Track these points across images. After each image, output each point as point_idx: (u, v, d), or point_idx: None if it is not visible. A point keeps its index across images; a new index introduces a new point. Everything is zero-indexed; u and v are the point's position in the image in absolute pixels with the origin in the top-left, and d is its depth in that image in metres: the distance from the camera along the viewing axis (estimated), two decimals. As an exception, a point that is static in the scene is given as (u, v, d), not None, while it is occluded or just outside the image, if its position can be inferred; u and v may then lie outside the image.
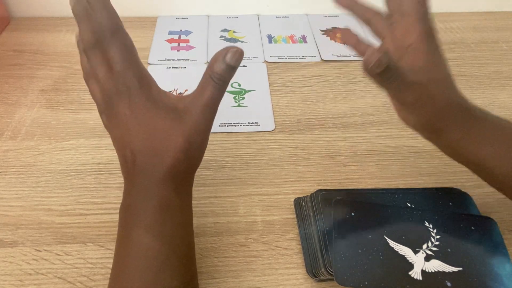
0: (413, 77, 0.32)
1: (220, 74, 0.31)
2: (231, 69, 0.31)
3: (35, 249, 0.37)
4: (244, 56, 0.44)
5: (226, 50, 0.30)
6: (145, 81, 0.32)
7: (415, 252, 0.35)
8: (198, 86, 0.32)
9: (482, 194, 0.42)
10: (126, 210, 0.31)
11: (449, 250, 0.35)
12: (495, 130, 0.35)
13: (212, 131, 0.48)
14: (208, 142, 0.47)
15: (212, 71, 0.31)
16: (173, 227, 0.30)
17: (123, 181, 0.42)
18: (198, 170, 0.44)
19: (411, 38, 0.34)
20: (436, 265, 0.34)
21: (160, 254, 0.28)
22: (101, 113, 0.33)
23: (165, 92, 0.33)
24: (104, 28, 0.30)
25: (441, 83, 0.34)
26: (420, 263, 0.34)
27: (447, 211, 0.38)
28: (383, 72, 0.30)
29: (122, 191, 0.41)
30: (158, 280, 0.28)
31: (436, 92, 0.33)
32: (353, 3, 0.40)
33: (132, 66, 0.31)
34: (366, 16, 0.39)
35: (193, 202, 0.41)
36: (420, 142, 0.41)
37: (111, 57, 0.31)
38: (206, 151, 0.46)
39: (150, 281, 0.27)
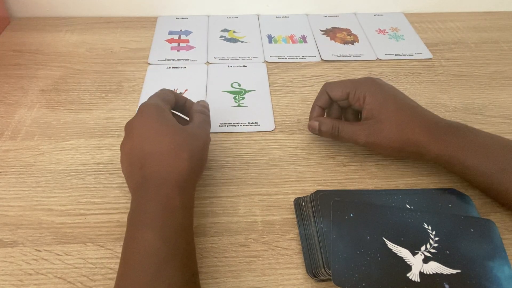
0: (361, 124, 0.42)
1: (201, 109, 0.42)
2: (207, 108, 0.43)
3: (35, 249, 0.37)
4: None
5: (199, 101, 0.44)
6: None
7: (414, 253, 0.35)
8: (189, 120, 0.42)
9: (481, 194, 0.42)
10: (133, 211, 0.33)
11: (447, 252, 0.35)
12: (474, 136, 0.40)
13: (212, 131, 0.49)
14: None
15: (196, 109, 0.42)
16: (174, 228, 0.32)
17: (123, 181, 0.43)
18: (198, 170, 0.44)
19: (363, 101, 0.43)
20: (434, 267, 0.34)
21: (161, 252, 0.30)
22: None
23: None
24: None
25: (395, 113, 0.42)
26: (418, 265, 0.34)
27: (446, 212, 0.38)
28: (320, 133, 0.45)
29: (122, 191, 0.42)
30: (159, 276, 0.29)
31: (388, 121, 0.41)
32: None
33: None
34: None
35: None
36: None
37: None
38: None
39: (151, 276, 0.29)
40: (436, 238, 0.36)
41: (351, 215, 0.37)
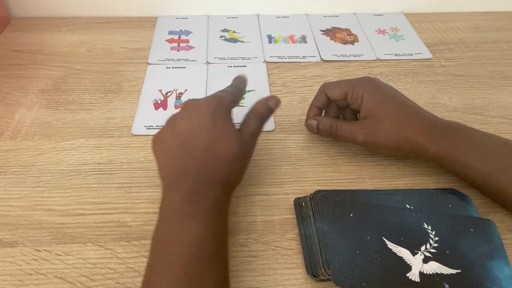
0: (359, 123, 0.43)
1: (262, 113, 0.41)
2: (271, 111, 0.42)
3: (35, 249, 0.37)
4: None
5: (269, 98, 0.42)
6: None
7: (413, 253, 0.35)
8: (243, 122, 0.40)
9: (481, 194, 0.42)
10: (184, 198, 0.33)
11: (447, 252, 0.35)
12: (472, 136, 0.40)
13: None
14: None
15: (257, 111, 0.40)
16: (223, 229, 0.33)
17: (123, 181, 0.43)
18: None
19: (361, 101, 0.43)
20: (434, 267, 0.34)
21: (211, 249, 0.31)
22: None
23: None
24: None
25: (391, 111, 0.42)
26: (418, 265, 0.34)
27: (446, 212, 0.38)
28: (318, 131, 0.45)
29: (122, 191, 0.42)
30: (208, 272, 0.30)
31: (385, 118, 0.41)
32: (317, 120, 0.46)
33: None
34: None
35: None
36: (420, 143, 0.41)
37: None
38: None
39: (202, 269, 0.29)
40: (436, 238, 0.36)
41: (351, 215, 0.37)
